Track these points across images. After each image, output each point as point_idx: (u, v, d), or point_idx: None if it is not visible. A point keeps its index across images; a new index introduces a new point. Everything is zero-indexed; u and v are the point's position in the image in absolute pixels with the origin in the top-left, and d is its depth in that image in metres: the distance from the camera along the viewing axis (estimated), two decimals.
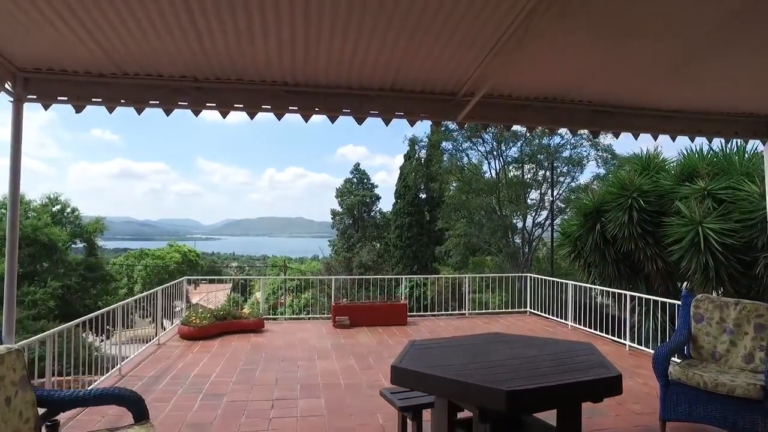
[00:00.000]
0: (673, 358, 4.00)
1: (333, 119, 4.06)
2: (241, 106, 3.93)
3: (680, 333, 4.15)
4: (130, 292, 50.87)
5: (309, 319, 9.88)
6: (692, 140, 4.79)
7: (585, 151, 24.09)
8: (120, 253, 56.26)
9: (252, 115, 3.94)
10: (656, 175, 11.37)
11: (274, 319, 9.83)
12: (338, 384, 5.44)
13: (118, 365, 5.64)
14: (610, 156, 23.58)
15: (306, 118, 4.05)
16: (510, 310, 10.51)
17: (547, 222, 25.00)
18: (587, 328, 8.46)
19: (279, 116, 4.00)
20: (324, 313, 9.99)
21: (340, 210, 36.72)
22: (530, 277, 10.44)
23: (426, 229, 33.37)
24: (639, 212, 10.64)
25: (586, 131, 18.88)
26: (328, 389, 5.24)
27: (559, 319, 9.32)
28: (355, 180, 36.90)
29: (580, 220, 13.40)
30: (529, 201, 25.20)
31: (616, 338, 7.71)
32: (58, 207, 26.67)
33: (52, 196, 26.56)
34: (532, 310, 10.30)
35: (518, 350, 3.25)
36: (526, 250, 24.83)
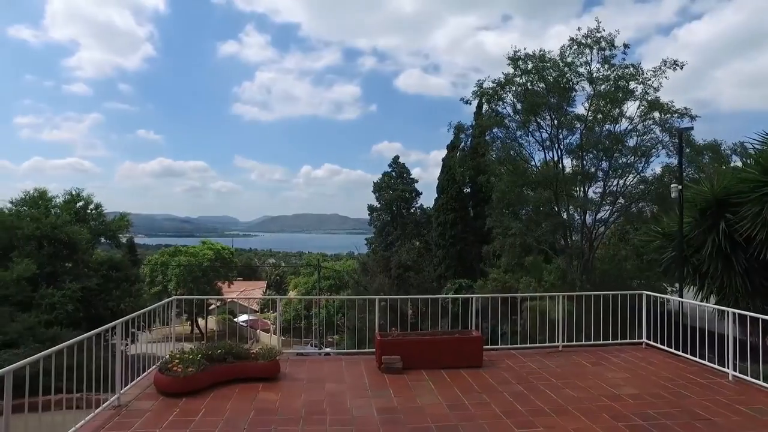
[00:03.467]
0: None
1: None
2: None
3: None
4: (164, 290, 50.12)
5: (345, 354, 7.32)
6: None
7: (656, 137, 20.48)
8: (168, 248, 55.76)
9: None
10: None
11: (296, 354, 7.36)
12: None
13: None
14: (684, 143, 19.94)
15: None
16: (616, 341, 7.64)
17: (611, 218, 21.75)
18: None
19: None
20: (365, 346, 7.39)
21: (378, 206, 34.15)
22: (646, 295, 7.55)
23: (471, 227, 30.49)
24: None
25: (657, 113, 14.98)
26: None
27: (701, 361, 6.41)
28: (393, 174, 34.25)
29: (694, 217, 10.38)
30: (592, 195, 21.86)
31: None
32: (81, 203, 25.13)
33: (74, 192, 25.04)
34: (650, 342, 7.42)
35: None
36: (585, 249, 21.58)
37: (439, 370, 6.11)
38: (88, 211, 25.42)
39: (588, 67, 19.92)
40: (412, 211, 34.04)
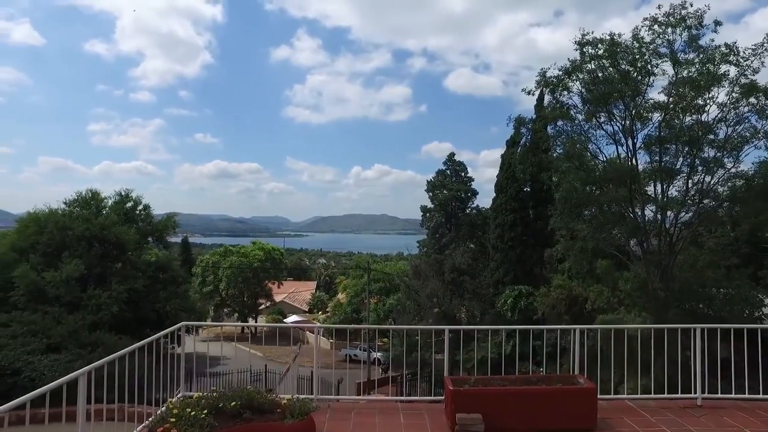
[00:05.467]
0: None
1: None
2: None
3: None
4: (215, 289, 50.43)
5: (405, 400, 5.72)
6: None
7: (752, 127, 17.34)
8: (218, 248, 56.38)
9: None
10: None
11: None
12: None
13: None
14: None
15: None
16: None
17: (696, 220, 18.89)
18: None
19: None
20: (426, 390, 5.74)
21: (431, 206, 32.33)
22: None
23: (532, 229, 28.17)
24: None
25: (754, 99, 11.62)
26: None
27: None
28: (448, 172, 32.33)
29: None
30: (674, 193, 19.02)
31: None
32: (130, 204, 24.92)
33: (123, 193, 24.86)
34: None
35: None
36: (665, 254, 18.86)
37: None
38: (137, 212, 25.19)
39: (671, 47, 17.28)
40: (467, 212, 32.03)
